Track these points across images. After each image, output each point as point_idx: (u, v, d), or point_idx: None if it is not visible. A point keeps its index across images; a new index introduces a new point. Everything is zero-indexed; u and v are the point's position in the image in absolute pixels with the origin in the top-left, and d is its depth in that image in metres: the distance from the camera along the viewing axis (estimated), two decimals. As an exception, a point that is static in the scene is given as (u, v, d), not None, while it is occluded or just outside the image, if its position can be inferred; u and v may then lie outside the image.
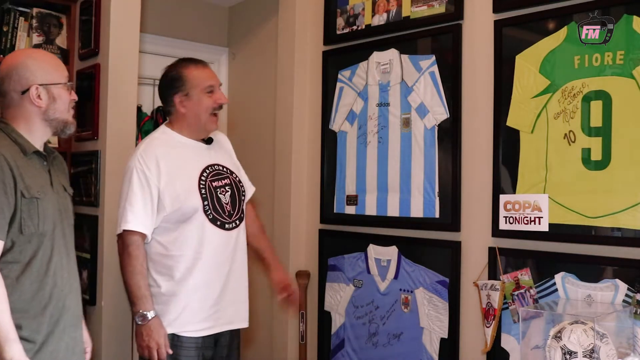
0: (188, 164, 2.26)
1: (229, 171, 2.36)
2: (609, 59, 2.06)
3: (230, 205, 2.30)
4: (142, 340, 2.15)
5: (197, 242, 2.21)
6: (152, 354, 2.13)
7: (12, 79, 1.77)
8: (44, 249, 1.74)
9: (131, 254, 2.15)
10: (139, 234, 2.17)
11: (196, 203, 2.20)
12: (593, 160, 2.09)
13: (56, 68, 1.84)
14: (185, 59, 2.34)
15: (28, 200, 1.70)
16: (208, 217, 2.22)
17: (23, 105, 1.78)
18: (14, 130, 1.78)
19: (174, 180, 2.20)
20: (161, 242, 2.22)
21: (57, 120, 1.83)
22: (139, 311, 2.14)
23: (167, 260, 2.21)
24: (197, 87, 2.25)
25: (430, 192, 2.57)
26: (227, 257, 2.27)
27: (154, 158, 2.20)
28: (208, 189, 2.24)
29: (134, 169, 2.18)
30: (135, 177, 2.17)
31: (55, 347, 1.75)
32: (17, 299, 1.68)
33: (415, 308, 2.61)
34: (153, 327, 2.13)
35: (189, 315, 2.20)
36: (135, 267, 2.15)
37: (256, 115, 3.64)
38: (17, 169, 1.70)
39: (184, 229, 2.20)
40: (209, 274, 2.23)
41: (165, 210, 2.18)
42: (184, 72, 2.26)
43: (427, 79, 2.60)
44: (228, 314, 2.29)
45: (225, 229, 2.26)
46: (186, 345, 2.20)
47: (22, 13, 2.92)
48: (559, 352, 1.81)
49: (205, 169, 2.28)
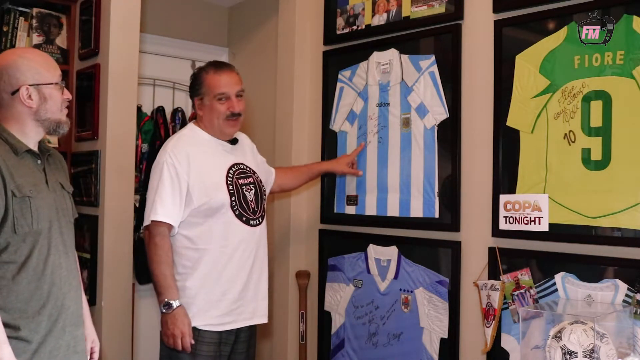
0: (216, 161, 2.33)
1: (252, 171, 2.44)
2: (609, 59, 2.06)
3: (255, 203, 2.38)
4: (167, 328, 2.19)
5: (223, 237, 2.28)
6: (176, 342, 2.17)
7: (2, 79, 1.77)
8: (40, 247, 1.73)
9: (157, 243, 2.21)
10: (166, 225, 2.22)
11: (224, 198, 2.27)
12: (593, 160, 2.09)
13: (47, 68, 1.82)
14: (212, 63, 2.41)
15: (20, 200, 1.69)
16: (234, 213, 2.30)
17: (14, 105, 1.77)
18: (4, 130, 1.77)
19: (202, 175, 2.27)
20: (187, 236, 2.27)
21: (49, 120, 1.82)
22: (164, 300, 2.19)
23: (193, 254, 2.26)
24: (209, 93, 2.32)
25: (430, 192, 2.57)
26: (250, 253, 2.34)
27: (184, 153, 2.27)
28: (235, 186, 2.32)
29: (165, 163, 2.25)
30: (165, 170, 2.24)
31: (54, 345, 1.74)
32: (14, 299, 1.68)
33: (415, 308, 2.61)
34: (178, 316, 2.18)
35: (212, 310, 2.26)
36: (161, 257, 2.21)
37: (256, 116, 3.64)
38: (7, 169, 1.69)
39: (211, 223, 2.27)
40: (233, 268, 2.29)
41: (194, 204, 2.24)
42: (203, 76, 2.34)
43: (427, 79, 2.60)
44: (249, 309, 2.34)
45: (250, 225, 2.34)
46: (207, 339, 2.24)
47: (22, 13, 2.92)
48: (559, 352, 1.81)
49: (231, 167, 2.36)
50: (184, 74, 2.57)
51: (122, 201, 2.75)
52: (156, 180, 2.25)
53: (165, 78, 3.74)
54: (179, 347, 2.17)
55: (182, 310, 2.19)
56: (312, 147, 3.13)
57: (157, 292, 2.22)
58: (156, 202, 2.21)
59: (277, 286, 3.21)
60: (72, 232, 1.89)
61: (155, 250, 2.21)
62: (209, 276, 2.26)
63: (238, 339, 2.35)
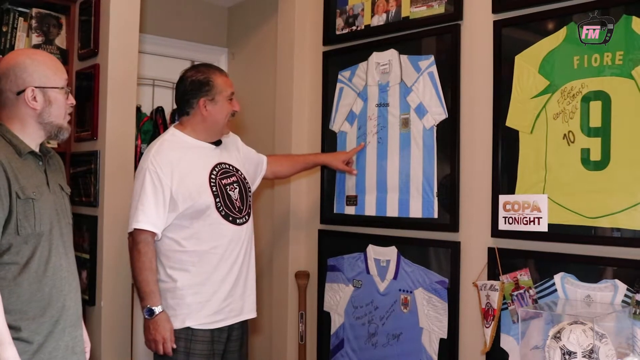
0: (198, 164, 2.36)
1: (235, 169, 2.46)
2: (608, 60, 2.06)
3: (240, 201, 2.41)
4: (149, 333, 2.25)
5: (212, 238, 2.31)
6: (157, 347, 2.24)
7: (9, 78, 1.77)
8: (42, 249, 1.73)
9: (140, 250, 2.25)
10: (149, 232, 2.26)
11: (208, 200, 2.30)
12: (592, 161, 2.09)
13: (55, 71, 1.83)
14: (210, 65, 2.50)
15: (23, 201, 1.69)
16: (220, 214, 2.33)
17: (18, 106, 1.78)
18: (8, 130, 1.77)
19: (185, 179, 2.29)
20: (175, 239, 2.30)
21: (51, 124, 1.82)
22: (146, 306, 2.24)
23: (182, 256, 2.30)
24: (222, 93, 2.37)
25: (429, 192, 2.57)
26: (239, 252, 2.38)
27: (166, 159, 2.30)
28: (218, 187, 2.35)
29: (147, 170, 2.28)
30: (148, 177, 2.27)
31: (54, 346, 1.74)
32: (16, 300, 1.68)
33: (414, 308, 2.61)
34: (160, 321, 2.23)
35: (204, 309, 2.29)
36: (144, 264, 2.24)
37: (256, 116, 3.64)
38: (12, 171, 1.69)
39: (198, 225, 2.30)
40: (223, 268, 2.33)
41: (179, 209, 2.27)
42: (213, 77, 2.38)
43: (426, 79, 2.60)
44: (238, 306, 2.39)
45: (237, 224, 2.37)
46: (200, 338, 2.29)
47: (21, 13, 2.92)
48: (558, 353, 1.81)
49: (214, 168, 2.38)
50: (183, 75, 2.62)
51: (122, 201, 2.74)
52: (139, 187, 2.28)
53: (165, 78, 3.74)
54: (160, 352, 2.24)
55: (164, 315, 2.24)
56: (311, 148, 3.13)
57: (140, 298, 2.27)
58: (138, 210, 2.24)
59: (276, 286, 3.21)
60: (71, 234, 1.89)
61: (139, 257, 2.25)
62: (200, 277, 2.29)
63: (230, 337, 2.38)
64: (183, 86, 2.39)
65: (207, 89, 2.36)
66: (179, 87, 2.41)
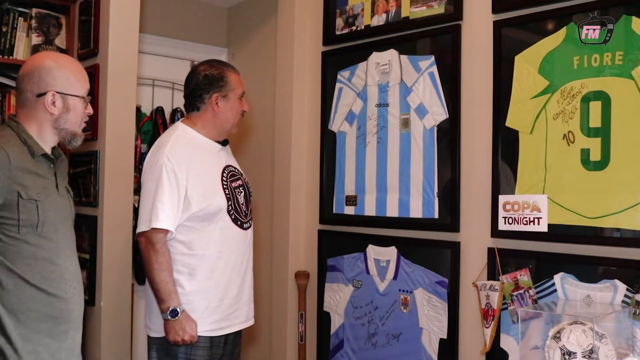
0: (211, 164, 2.30)
1: (240, 172, 2.42)
2: (608, 60, 2.07)
3: (245, 205, 2.36)
4: (175, 334, 2.14)
5: (220, 242, 2.24)
6: (184, 343, 2.16)
7: (32, 79, 1.77)
8: (47, 251, 1.73)
9: (158, 250, 2.15)
10: (165, 231, 2.17)
11: (221, 203, 2.24)
12: (592, 161, 2.09)
13: (78, 79, 1.83)
14: (222, 61, 2.43)
15: (26, 201, 1.69)
16: (231, 217, 2.27)
17: (36, 108, 1.78)
18: (24, 131, 1.77)
19: (201, 179, 2.23)
20: (183, 242, 2.21)
21: (66, 130, 1.83)
22: (169, 308, 2.13)
23: (190, 260, 2.21)
24: (234, 90, 2.32)
25: (430, 192, 2.57)
26: (244, 257, 2.33)
27: (181, 156, 2.21)
28: (230, 189, 2.29)
29: (163, 166, 2.17)
30: (164, 175, 2.16)
31: (57, 348, 1.75)
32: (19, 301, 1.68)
33: (414, 308, 2.61)
34: (185, 321, 2.15)
35: (211, 316, 2.22)
36: (162, 264, 2.15)
37: (255, 116, 3.64)
38: (18, 170, 1.69)
39: (208, 228, 2.22)
40: (229, 273, 2.27)
41: (192, 209, 2.19)
42: (227, 73, 2.32)
43: (426, 79, 2.60)
44: (244, 313, 2.34)
45: (244, 229, 2.32)
46: (202, 345, 2.21)
47: (21, 13, 2.92)
48: (558, 353, 1.81)
49: (224, 169, 2.32)
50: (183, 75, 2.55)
51: (122, 201, 2.74)
52: (154, 183, 2.17)
53: (165, 78, 3.74)
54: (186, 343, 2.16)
55: (186, 314, 2.16)
56: (311, 148, 3.13)
57: (159, 299, 2.16)
58: (157, 208, 2.14)
59: (276, 286, 3.21)
60: (74, 236, 1.89)
61: (157, 258, 2.14)
62: (207, 282, 2.21)
63: (227, 340, 2.32)
64: (195, 80, 2.30)
65: (221, 84, 2.29)
66: (190, 81, 2.32)
